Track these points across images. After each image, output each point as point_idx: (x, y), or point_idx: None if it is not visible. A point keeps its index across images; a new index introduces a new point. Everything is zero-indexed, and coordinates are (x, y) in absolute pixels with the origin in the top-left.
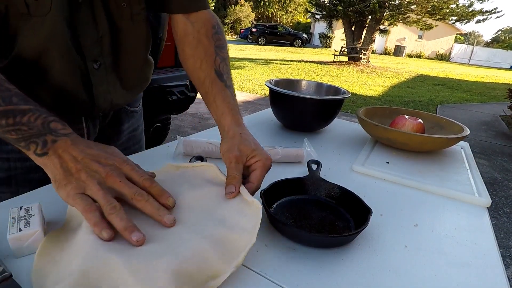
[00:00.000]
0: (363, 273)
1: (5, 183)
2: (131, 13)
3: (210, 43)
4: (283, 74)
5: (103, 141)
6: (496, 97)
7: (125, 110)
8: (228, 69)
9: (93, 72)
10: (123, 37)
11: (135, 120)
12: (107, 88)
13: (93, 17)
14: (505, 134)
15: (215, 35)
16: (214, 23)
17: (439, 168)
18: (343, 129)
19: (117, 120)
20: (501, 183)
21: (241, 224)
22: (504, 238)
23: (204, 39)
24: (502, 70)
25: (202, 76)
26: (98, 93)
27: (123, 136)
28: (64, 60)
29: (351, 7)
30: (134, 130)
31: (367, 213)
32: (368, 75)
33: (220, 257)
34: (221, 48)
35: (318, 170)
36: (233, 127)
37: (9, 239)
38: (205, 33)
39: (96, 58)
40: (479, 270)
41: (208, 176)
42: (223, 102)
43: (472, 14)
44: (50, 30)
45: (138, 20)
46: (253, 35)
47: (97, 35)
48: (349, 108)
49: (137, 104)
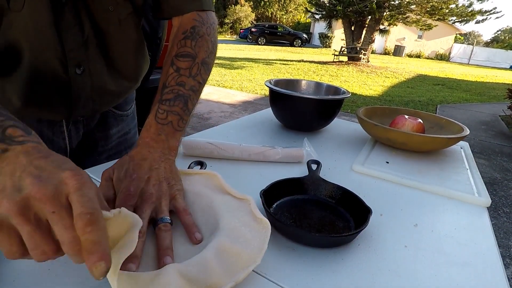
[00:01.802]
0: (363, 273)
1: None
2: (119, 18)
3: (172, 51)
4: (283, 74)
5: (90, 145)
6: (496, 97)
7: (113, 114)
8: (181, 79)
9: (75, 77)
10: (112, 41)
11: (125, 124)
12: (90, 94)
13: (78, 20)
14: (505, 134)
15: (181, 41)
16: (188, 27)
17: (439, 168)
18: (343, 129)
19: (105, 124)
20: (501, 183)
21: (247, 237)
22: (503, 238)
23: (171, 46)
24: (502, 70)
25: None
26: (77, 99)
27: (112, 140)
28: (39, 60)
29: (351, 7)
30: (125, 134)
31: (367, 213)
32: (368, 75)
33: (221, 269)
34: (181, 56)
35: (318, 170)
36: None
37: None
38: (173, 39)
39: (80, 63)
40: (479, 269)
41: (212, 185)
42: (150, 115)
43: (471, 14)
44: (24, 27)
45: (127, 24)
46: (253, 35)
47: (81, 38)
48: (349, 108)
49: (127, 107)
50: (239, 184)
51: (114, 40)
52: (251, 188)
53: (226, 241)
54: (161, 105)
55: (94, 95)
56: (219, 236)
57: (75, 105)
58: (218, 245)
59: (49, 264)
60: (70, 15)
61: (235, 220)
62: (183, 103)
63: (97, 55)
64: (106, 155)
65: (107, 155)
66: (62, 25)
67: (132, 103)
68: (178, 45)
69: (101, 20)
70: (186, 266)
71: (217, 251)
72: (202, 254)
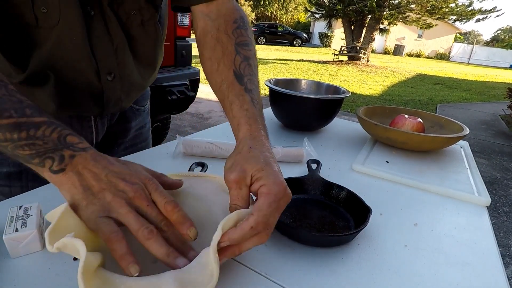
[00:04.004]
0: (363, 272)
1: (16, 178)
2: (142, 20)
3: (229, 40)
4: (283, 73)
5: (110, 137)
6: (496, 96)
7: (132, 109)
8: (251, 69)
9: (107, 83)
10: (136, 44)
11: (142, 118)
12: (120, 95)
13: (106, 29)
14: (505, 133)
15: (236, 30)
16: (237, 16)
17: (439, 167)
18: (343, 128)
19: (125, 118)
20: (501, 182)
21: None
22: (503, 237)
23: (223, 36)
24: (502, 69)
25: (219, 80)
26: (108, 101)
27: (131, 133)
28: (72, 71)
29: (351, 6)
30: (141, 128)
31: (366, 213)
32: (368, 74)
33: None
34: (243, 45)
35: (318, 169)
36: (245, 139)
37: (5, 239)
38: (224, 30)
39: (111, 71)
40: (479, 269)
41: (214, 186)
42: (240, 109)
43: (471, 13)
44: (59, 42)
45: (149, 25)
46: (253, 34)
47: (112, 47)
48: (349, 107)
49: (144, 103)
50: None
51: (139, 43)
52: None
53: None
54: (249, 94)
55: (123, 95)
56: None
57: (106, 106)
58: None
59: (49, 264)
60: (100, 26)
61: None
62: (258, 94)
63: (126, 61)
64: (123, 147)
65: (124, 147)
66: (94, 36)
67: (148, 99)
68: (235, 34)
69: (127, 25)
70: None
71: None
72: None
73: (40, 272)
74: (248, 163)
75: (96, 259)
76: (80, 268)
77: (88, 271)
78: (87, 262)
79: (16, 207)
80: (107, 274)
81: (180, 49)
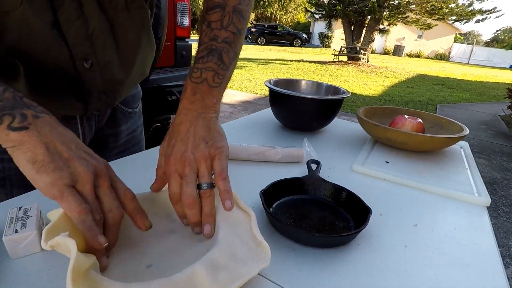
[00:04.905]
0: (363, 272)
1: (0, 184)
2: (126, 2)
3: (203, 9)
4: (283, 74)
5: (100, 142)
6: (496, 96)
7: (122, 112)
8: (213, 34)
9: (84, 72)
10: (121, 30)
11: (134, 121)
12: (103, 87)
13: (81, 12)
14: (505, 134)
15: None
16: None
17: (439, 167)
18: (342, 129)
19: (115, 121)
20: (501, 182)
21: (243, 255)
22: (503, 238)
23: (203, 7)
24: (502, 69)
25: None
26: (89, 93)
27: (122, 137)
28: (44, 59)
29: (350, 7)
30: (133, 131)
31: (366, 213)
32: (368, 74)
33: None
34: (210, 9)
35: (318, 170)
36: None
37: (4, 240)
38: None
39: (87, 57)
40: (479, 269)
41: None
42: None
43: (471, 14)
44: (22, 27)
45: (135, 8)
46: (253, 35)
47: (86, 31)
48: (349, 107)
49: (135, 105)
50: (239, 184)
51: (123, 29)
52: (251, 188)
53: (220, 255)
54: (196, 64)
55: (106, 88)
56: (215, 248)
57: (88, 100)
58: (212, 258)
59: (48, 265)
60: (71, 8)
61: (234, 236)
62: (217, 58)
63: (105, 48)
64: (115, 152)
65: (117, 151)
66: (63, 19)
67: (139, 101)
68: (208, 0)
69: (108, 8)
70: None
71: (210, 263)
72: (192, 267)
73: (39, 273)
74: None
75: (87, 261)
76: (69, 267)
77: (77, 271)
78: (77, 262)
79: (16, 208)
80: (97, 276)
81: (180, 49)
